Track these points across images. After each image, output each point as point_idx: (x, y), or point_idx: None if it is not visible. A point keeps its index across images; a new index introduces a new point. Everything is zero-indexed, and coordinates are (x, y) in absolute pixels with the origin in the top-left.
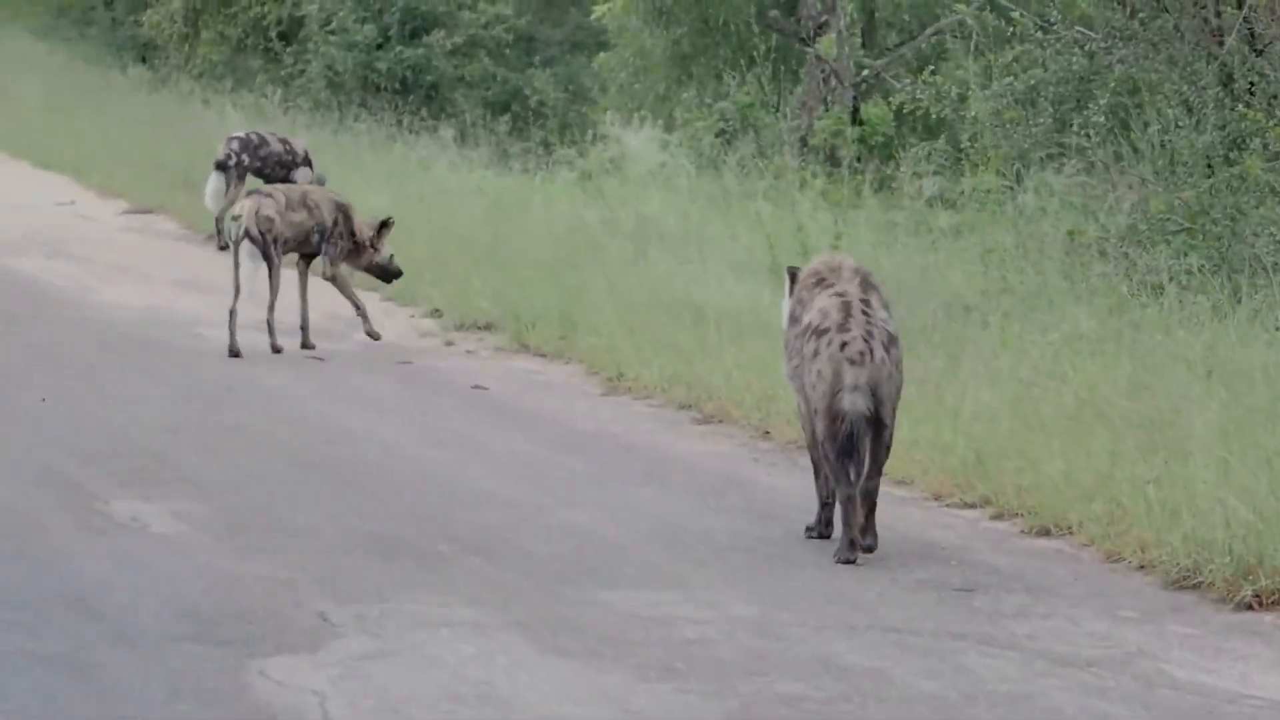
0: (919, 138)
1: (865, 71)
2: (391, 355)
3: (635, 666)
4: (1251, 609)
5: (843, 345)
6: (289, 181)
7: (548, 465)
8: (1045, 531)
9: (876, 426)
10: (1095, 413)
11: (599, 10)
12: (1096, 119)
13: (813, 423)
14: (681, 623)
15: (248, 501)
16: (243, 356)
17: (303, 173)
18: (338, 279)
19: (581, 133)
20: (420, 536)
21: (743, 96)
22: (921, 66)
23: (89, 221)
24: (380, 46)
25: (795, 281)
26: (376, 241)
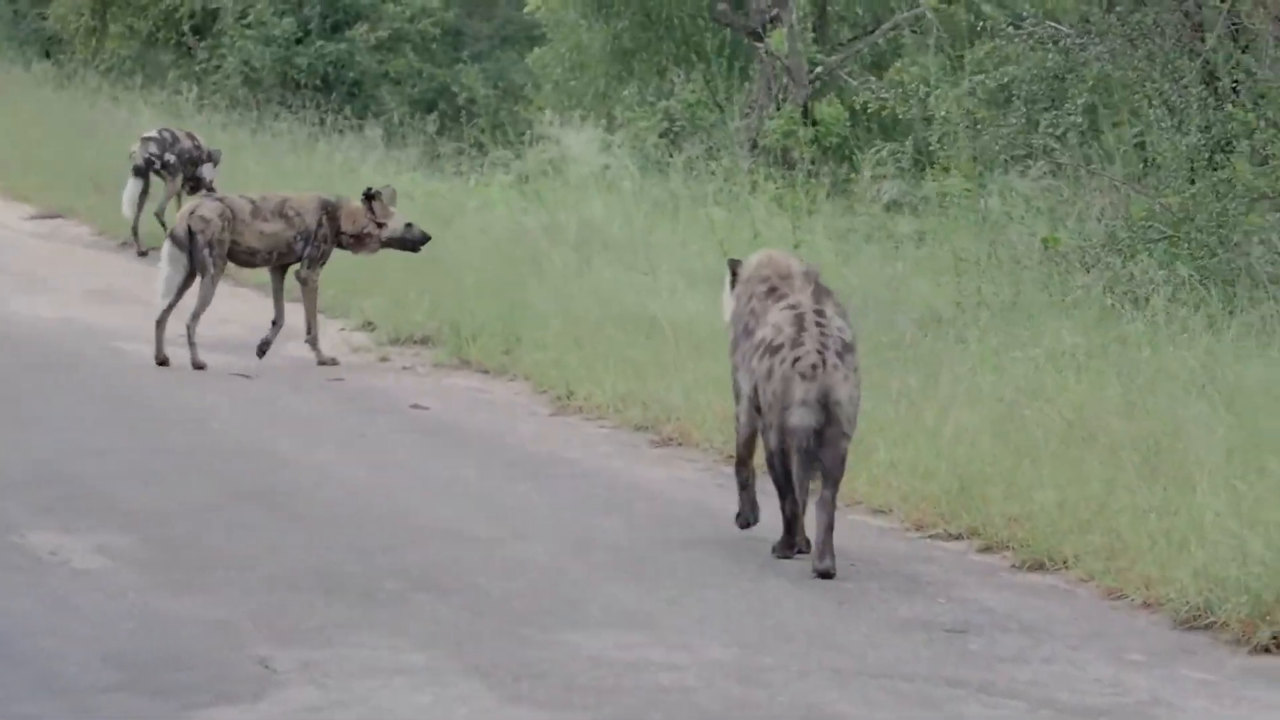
0: (875, 138)
1: (819, 69)
2: (323, 372)
3: (609, 718)
4: (1269, 652)
5: (794, 361)
6: (196, 179)
7: (499, 493)
8: (1038, 565)
9: (832, 436)
10: (1085, 435)
11: (532, 3)
12: (1073, 119)
13: (767, 437)
14: (655, 668)
15: (177, 533)
16: (170, 365)
17: (206, 169)
18: (308, 284)
19: (516, 132)
20: (365, 572)
21: (688, 95)
22: (877, 63)
23: None
24: (300, 41)
25: (736, 276)
26: (377, 218)
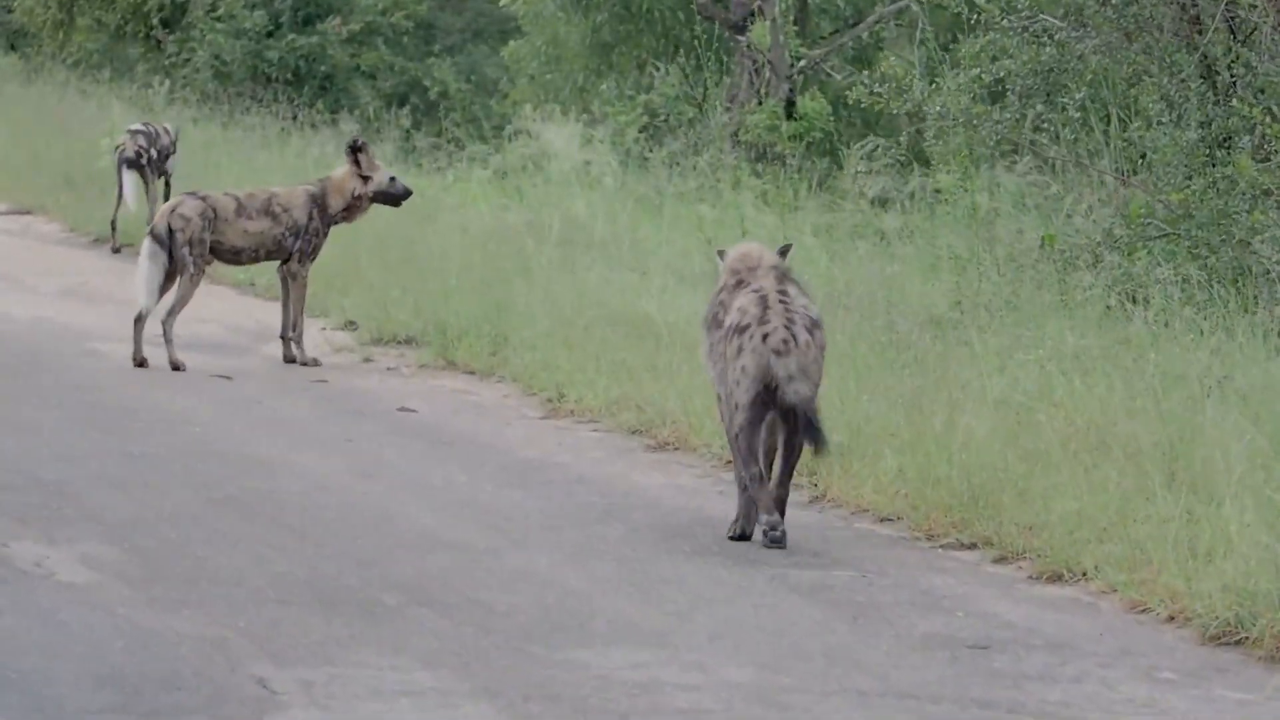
0: (857, 133)
1: (801, 62)
2: (305, 373)
3: None
4: None
5: (764, 337)
6: (165, 172)
7: (493, 501)
8: (1056, 577)
9: (791, 419)
10: (1097, 440)
11: None
12: (1072, 114)
13: (733, 417)
14: (669, 688)
15: (163, 543)
16: (148, 366)
17: (172, 161)
18: (297, 280)
19: (492, 127)
20: (362, 585)
21: (667, 88)
22: (858, 57)
23: None
24: (271, 34)
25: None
26: (363, 170)
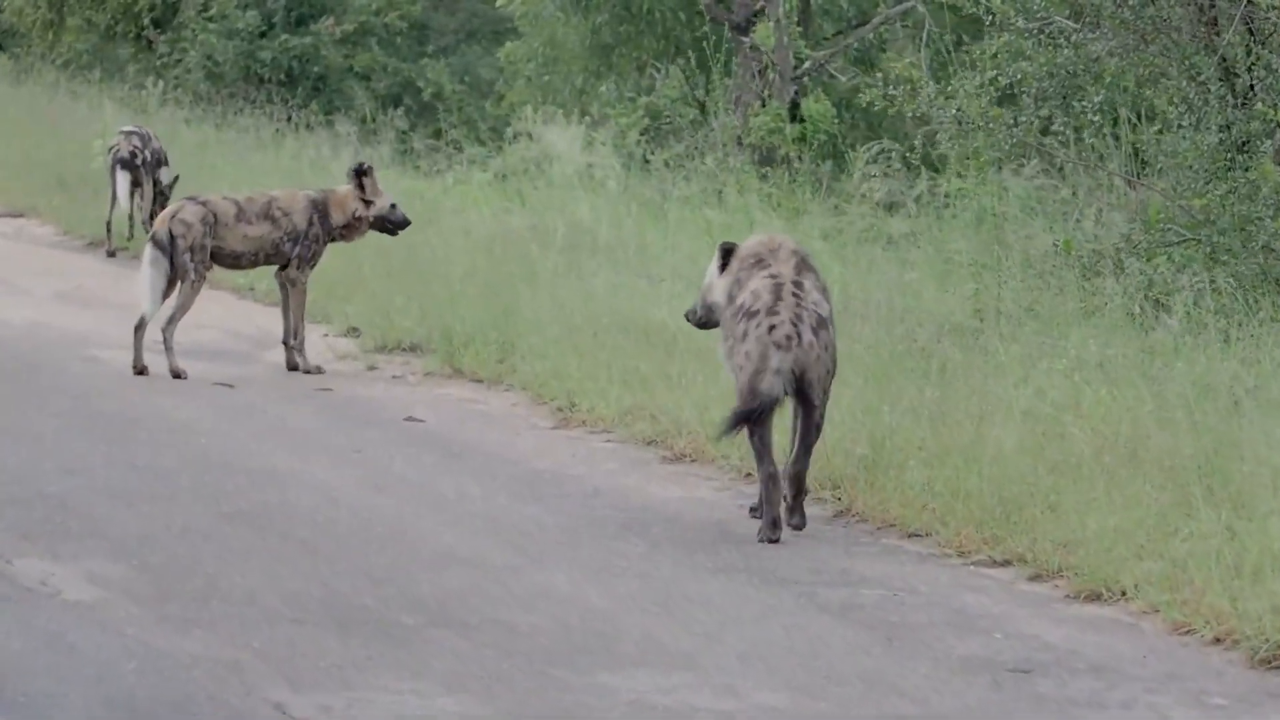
0: (861, 135)
1: (806, 63)
2: (309, 381)
3: None
4: None
5: (770, 329)
6: (156, 180)
7: (508, 515)
8: (1095, 596)
9: (806, 407)
10: (1128, 452)
11: None
12: (1090, 117)
13: (739, 397)
14: (701, 714)
15: (172, 559)
16: (148, 374)
17: (164, 172)
18: (297, 286)
19: (489, 129)
20: (379, 604)
21: (669, 90)
22: (861, 58)
23: None
24: (264, 35)
25: (729, 258)
26: (366, 195)
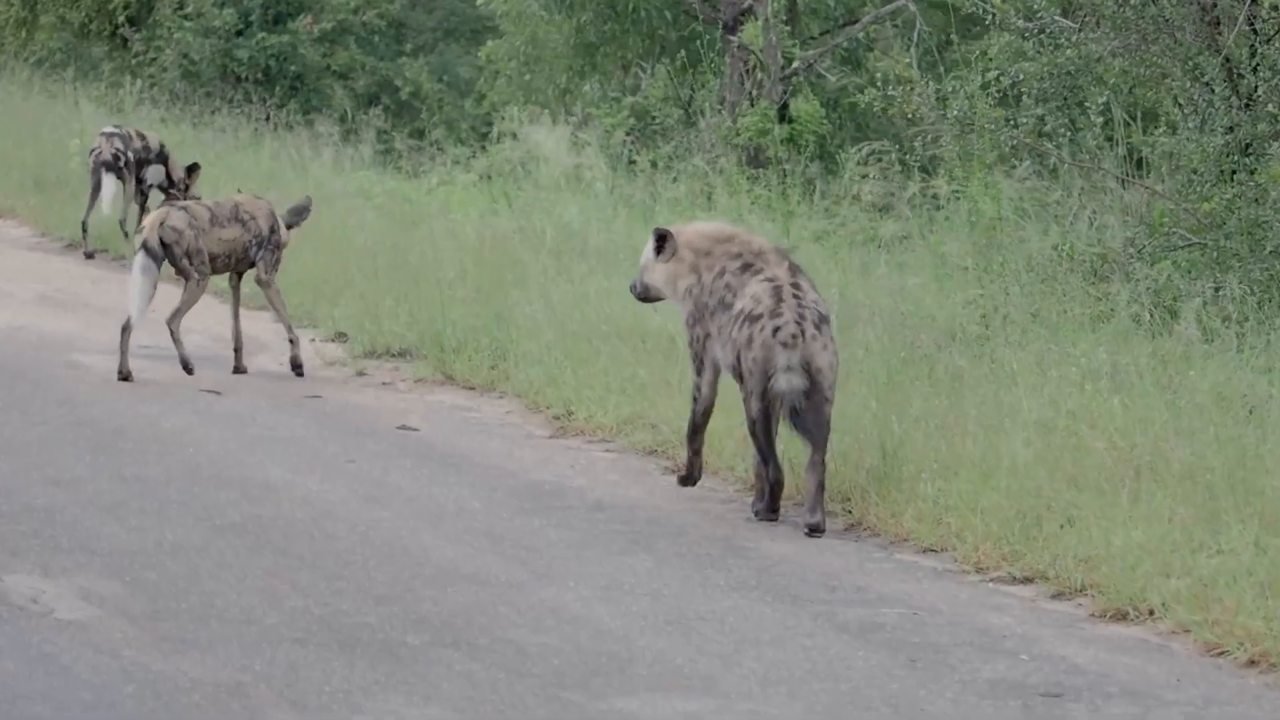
0: (849, 136)
1: (794, 63)
2: (298, 388)
3: None
4: None
5: (775, 330)
6: (140, 180)
7: (510, 529)
8: (1121, 615)
9: (816, 399)
10: (1147, 465)
11: None
12: (1093, 118)
13: (749, 405)
14: None
15: (166, 576)
16: (133, 381)
17: (154, 170)
18: (271, 286)
19: (469, 128)
20: (382, 623)
21: (654, 90)
22: (848, 58)
23: None
24: (240, 33)
25: (664, 244)
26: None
